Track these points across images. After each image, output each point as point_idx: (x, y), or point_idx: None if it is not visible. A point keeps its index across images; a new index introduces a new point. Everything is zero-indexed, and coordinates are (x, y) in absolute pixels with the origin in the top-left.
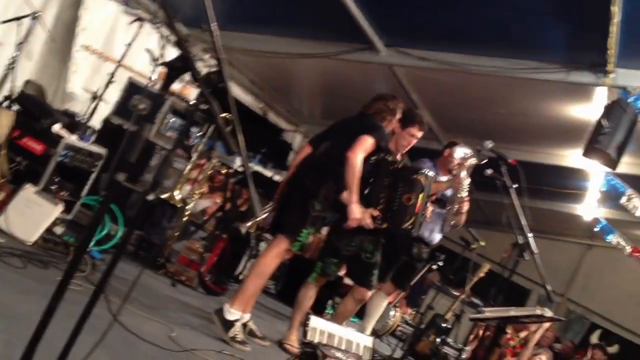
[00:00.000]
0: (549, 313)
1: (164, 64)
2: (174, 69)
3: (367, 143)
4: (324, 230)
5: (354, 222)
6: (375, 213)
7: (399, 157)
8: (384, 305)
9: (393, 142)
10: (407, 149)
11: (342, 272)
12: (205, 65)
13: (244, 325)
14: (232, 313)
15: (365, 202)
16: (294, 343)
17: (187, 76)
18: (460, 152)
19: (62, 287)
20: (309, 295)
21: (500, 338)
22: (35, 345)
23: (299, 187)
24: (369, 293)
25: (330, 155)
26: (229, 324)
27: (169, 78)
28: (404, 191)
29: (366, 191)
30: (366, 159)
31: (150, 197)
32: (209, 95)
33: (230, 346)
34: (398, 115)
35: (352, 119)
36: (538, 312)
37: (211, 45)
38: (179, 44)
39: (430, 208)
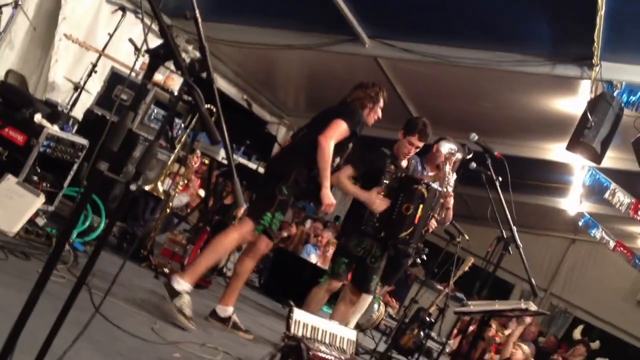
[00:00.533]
0: (533, 307)
1: (147, 51)
2: (157, 57)
3: (340, 127)
4: (308, 224)
5: (327, 207)
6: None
7: (404, 162)
8: (369, 300)
9: (396, 148)
10: (407, 157)
11: (325, 266)
12: (188, 56)
13: (228, 318)
14: (180, 283)
15: (367, 211)
16: None
17: (171, 66)
18: (446, 147)
19: (44, 278)
20: (318, 297)
21: (484, 332)
22: (16, 337)
23: (271, 172)
24: (369, 298)
25: (304, 141)
26: (174, 292)
27: (152, 66)
28: (404, 201)
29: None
30: (343, 144)
31: (133, 187)
32: (192, 84)
33: (173, 317)
34: (381, 103)
35: (332, 108)
36: (523, 306)
37: (194, 36)
38: (162, 31)
39: (433, 221)
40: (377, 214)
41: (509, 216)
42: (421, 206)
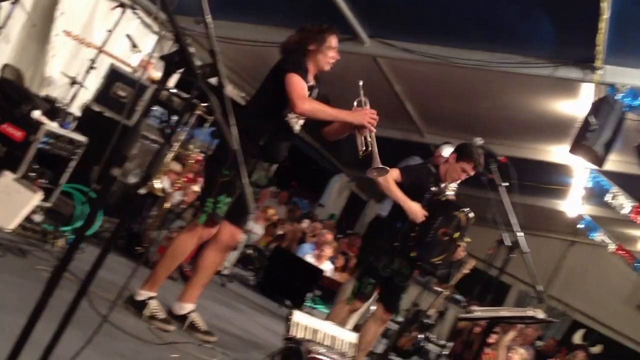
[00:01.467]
0: (541, 315)
1: (162, 57)
2: (172, 64)
3: (293, 81)
4: (305, 224)
5: None
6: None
7: (444, 185)
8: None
9: (443, 170)
10: (455, 182)
11: (321, 265)
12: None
13: (183, 317)
14: (140, 294)
15: (403, 227)
16: None
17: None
18: (447, 151)
19: (51, 286)
20: (341, 316)
21: (488, 337)
22: (24, 342)
23: (211, 158)
24: (391, 315)
25: (244, 113)
26: (140, 305)
27: (166, 73)
28: (442, 225)
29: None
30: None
31: (142, 191)
32: (207, 91)
33: (152, 326)
34: (329, 43)
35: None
36: (530, 313)
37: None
38: (177, 38)
39: (462, 249)
40: (412, 234)
41: (514, 221)
42: (457, 234)
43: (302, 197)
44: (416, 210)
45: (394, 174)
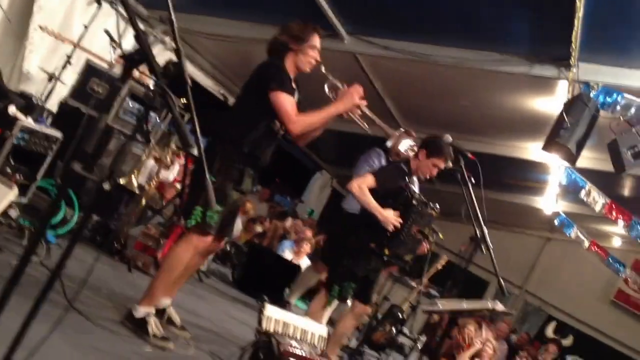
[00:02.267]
0: (500, 307)
1: (122, 56)
2: (133, 62)
3: (279, 98)
4: (289, 222)
5: None
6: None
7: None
8: None
9: (414, 166)
10: (428, 177)
11: (299, 261)
12: (165, 48)
13: (162, 311)
14: (139, 311)
15: (379, 226)
16: None
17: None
18: (405, 144)
19: (18, 273)
20: (319, 314)
21: (452, 330)
22: None
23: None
24: (368, 309)
25: (229, 119)
26: (139, 323)
27: (127, 70)
28: (415, 222)
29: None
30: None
31: (106, 186)
32: (165, 88)
33: (152, 345)
34: (312, 42)
35: (251, 77)
36: (490, 305)
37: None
38: (137, 37)
39: (426, 244)
40: (388, 233)
41: (480, 217)
42: (427, 229)
43: (284, 195)
44: (388, 217)
45: (369, 180)
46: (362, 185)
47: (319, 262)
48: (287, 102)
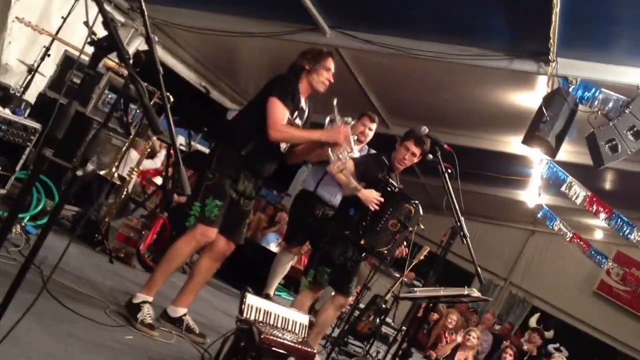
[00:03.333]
0: (475, 293)
1: (90, 43)
2: (102, 49)
3: (275, 107)
4: (282, 218)
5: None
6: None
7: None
8: None
9: (393, 157)
10: (403, 163)
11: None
12: (143, 41)
13: (180, 320)
14: (138, 297)
15: (356, 215)
16: None
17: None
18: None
19: None
20: (305, 306)
21: (429, 316)
22: None
23: (201, 165)
24: (349, 299)
25: (232, 122)
26: (134, 307)
27: (96, 57)
28: (392, 216)
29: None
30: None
31: (80, 172)
32: (135, 75)
33: (137, 330)
34: (326, 64)
35: (266, 84)
36: (465, 291)
37: (152, 20)
38: (105, 24)
39: (405, 248)
40: (364, 223)
41: (456, 206)
42: (406, 224)
43: (270, 189)
44: (369, 196)
45: (349, 165)
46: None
47: (287, 244)
48: (278, 110)
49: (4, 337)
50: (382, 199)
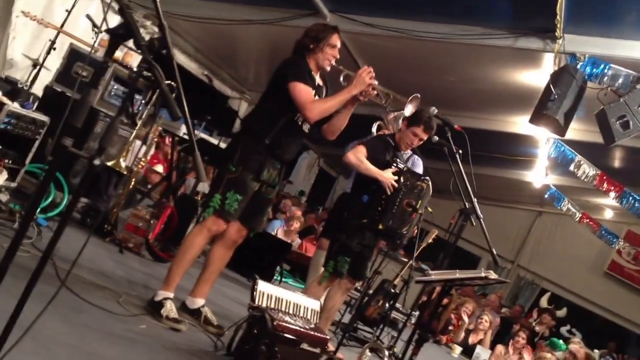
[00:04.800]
0: (493, 275)
1: (107, 31)
2: (117, 37)
3: (297, 89)
4: (286, 205)
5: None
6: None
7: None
8: None
9: (398, 138)
10: (410, 147)
11: (289, 240)
12: (146, 32)
13: (198, 311)
14: (159, 294)
15: (370, 202)
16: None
17: (129, 43)
18: (391, 115)
19: (10, 255)
20: (317, 294)
21: (443, 299)
22: None
23: (221, 155)
24: (355, 283)
25: (252, 113)
26: (156, 305)
27: (112, 45)
28: (406, 196)
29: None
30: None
31: (97, 161)
32: (152, 61)
33: (163, 325)
34: (331, 41)
35: (274, 73)
36: (483, 274)
37: (152, 11)
38: (121, 11)
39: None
40: (379, 208)
41: (469, 188)
42: (419, 202)
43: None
44: (387, 176)
45: (362, 150)
46: (357, 154)
47: (323, 240)
48: (302, 90)
49: (25, 332)
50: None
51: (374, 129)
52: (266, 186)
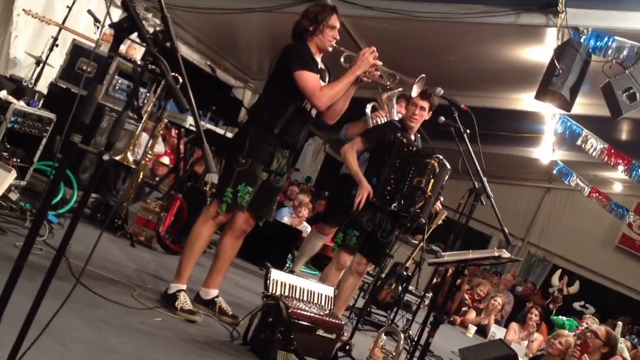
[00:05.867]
0: (506, 254)
1: (111, 25)
2: (122, 30)
3: (304, 78)
4: (293, 191)
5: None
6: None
7: (412, 135)
8: None
9: (404, 117)
10: (415, 120)
11: (300, 227)
12: (149, 24)
13: (212, 302)
14: (171, 287)
15: (377, 183)
16: None
17: (131, 36)
18: (385, 95)
19: (25, 253)
20: (330, 276)
21: (457, 280)
22: (2, 310)
23: (229, 146)
24: (367, 266)
25: (257, 103)
26: (169, 298)
27: (117, 39)
28: (416, 174)
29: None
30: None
31: (106, 157)
32: (157, 54)
33: (179, 317)
34: (330, 22)
35: (277, 61)
36: (496, 253)
37: (153, 3)
38: (124, 4)
39: (438, 203)
40: (389, 188)
41: (478, 167)
42: (432, 180)
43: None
44: (364, 188)
45: (357, 144)
46: (350, 150)
47: (322, 224)
48: (309, 79)
49: (43, 330)
50: (399, 173)
51: (368, 110)
52: (275, 175)
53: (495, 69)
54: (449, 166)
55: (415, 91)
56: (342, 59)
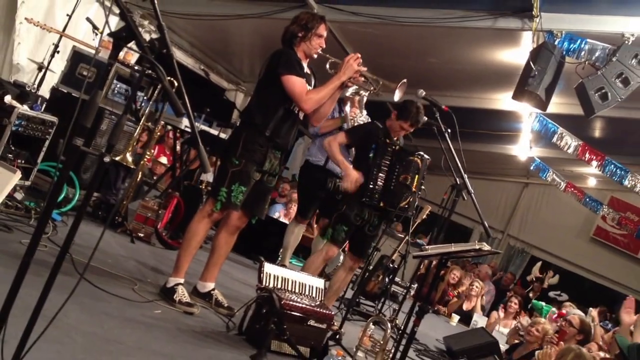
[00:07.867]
0: (486, 247)
1: (110, 34)
2: (120, 39)
3: (291, 82)
4: (285, 189)
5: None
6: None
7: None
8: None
9: (388, 125)
10: (396, 136)
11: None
12: (144, 31)
13: (209, 294)
14: (170, 281)
15: (367, 181)
16: None
17: (129, 44)
18: (350, 91)
19: (31, 250)
20: (315, 265)
21: (441, 273)
22: (10, 304)
23: (223, 148)
24: (359, 262)
25: (249, 105)
26: (168, 291)
27: (116, 47)
28: (401, 172)
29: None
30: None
31: (107, 159)
32: (154, 61)
33: (177, 309)
34: (319, 31)
35: (267, 64)
36: (477, 246)
37: (148, 11)
38: (122, 15)
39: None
40: (376, 187)
41: (459, 164)
42: (417, 176)
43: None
44: (353, 175)
45: (340, 138)
46: (333, 142)
47: (299, 217)
48: (296, 83)
49: (49, 323)
50: (387, 172)
51: (347, 109)
52: (267, 175)
53: (474, 70)
54: (427, 157)
55: (397, 95)
56: (327, 66)
